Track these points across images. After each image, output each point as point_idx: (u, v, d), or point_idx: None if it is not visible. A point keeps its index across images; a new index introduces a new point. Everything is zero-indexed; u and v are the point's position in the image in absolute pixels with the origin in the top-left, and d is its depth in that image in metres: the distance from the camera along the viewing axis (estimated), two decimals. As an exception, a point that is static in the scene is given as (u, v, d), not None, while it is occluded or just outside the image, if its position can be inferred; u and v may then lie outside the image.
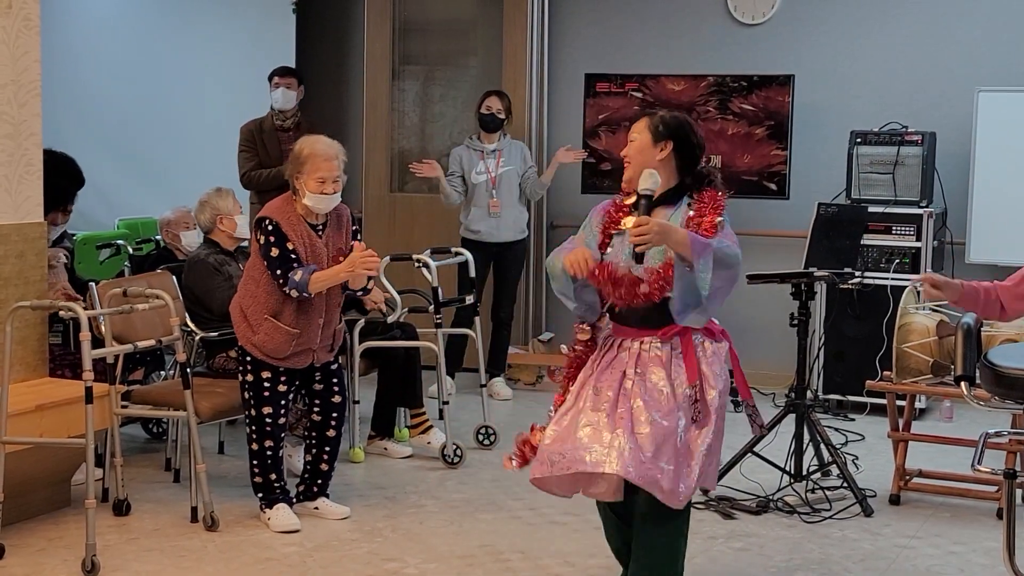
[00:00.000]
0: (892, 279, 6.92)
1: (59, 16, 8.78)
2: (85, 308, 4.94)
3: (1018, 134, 6.98)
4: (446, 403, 6.07)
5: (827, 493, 5.43)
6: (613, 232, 4.00)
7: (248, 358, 4.99)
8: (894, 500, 5.47)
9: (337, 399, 5.17)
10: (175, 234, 6.71)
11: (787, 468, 5.50)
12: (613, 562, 4.68)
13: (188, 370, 5.14)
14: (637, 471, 3.74)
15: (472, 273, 6.66)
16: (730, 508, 5.30)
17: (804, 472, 5.51)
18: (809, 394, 5.69)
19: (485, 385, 6.51)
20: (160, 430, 6.38)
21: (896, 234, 7.02)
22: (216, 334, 5.67)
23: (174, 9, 9.04)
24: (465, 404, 6.95)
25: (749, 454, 5.55)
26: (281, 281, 4.85)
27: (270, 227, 4.87)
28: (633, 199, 3.97)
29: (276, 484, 5.07)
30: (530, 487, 5.61)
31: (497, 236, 7.42)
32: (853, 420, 6.96)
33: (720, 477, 5.49)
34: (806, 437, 5.53)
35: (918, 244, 6.98)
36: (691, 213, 3.93)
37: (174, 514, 5.19)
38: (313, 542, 4.91)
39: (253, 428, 5.02)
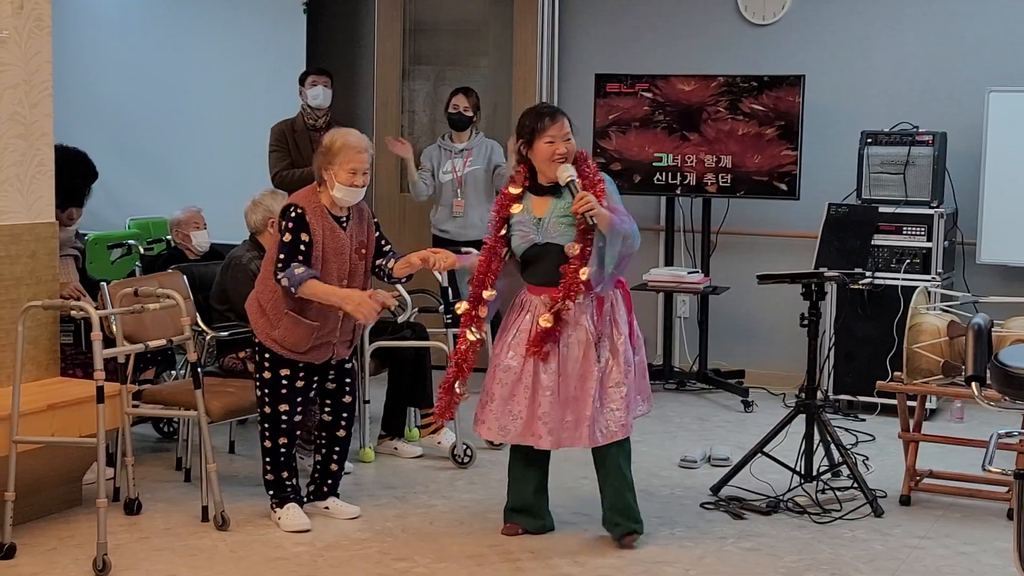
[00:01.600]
0: (903, 279, 6.91)
1: (70, 16, 8.81)
2: (96, 308, 4.96)
3: (1029, 134, 6.97)
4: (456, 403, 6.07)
5: (837, 493, 5.43)
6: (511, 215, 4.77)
7: (267, 355, 4.95)
8: (904, 501, 5.47)
9: (348, 399, 5.17)
10: (185, 234, 6.73)
11: (797, 468, 5.50)
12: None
13: (199, 370, 5.15)
14: (592, 437, 4.67)
15: None
16: (740, 508, 5.30)
17: (814, 472, 5.51)
18: (819, 394, 5.70)
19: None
20: (171, 429, 6.40)
21: (907, 234, 7.01)
22: (227, 334, 5.68)
23: (185, 9, 9.06)
24: (474, 404, 6.93)
25: (759, 454, 5.54)
26: (280, 265, 4.79)
27: (294, 214, 4.83)
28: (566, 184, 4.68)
29: (288, 483, 5.07)
30: (540, 487, 5.62)
31: (464, 235, 7.36)
32: (863, 420, 6.95)
33: (730, 478, 5.52)
34: (816, 437, 5.52)
35: (929, 244, 6.97)
36: (581, 183, 4.65)
37: (185, 513, 5.21)
38: (323, 541, 4.92)
39: (267, 425, 5.00)
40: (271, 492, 5.09)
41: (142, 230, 8.07)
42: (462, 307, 4.84)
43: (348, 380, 5.16)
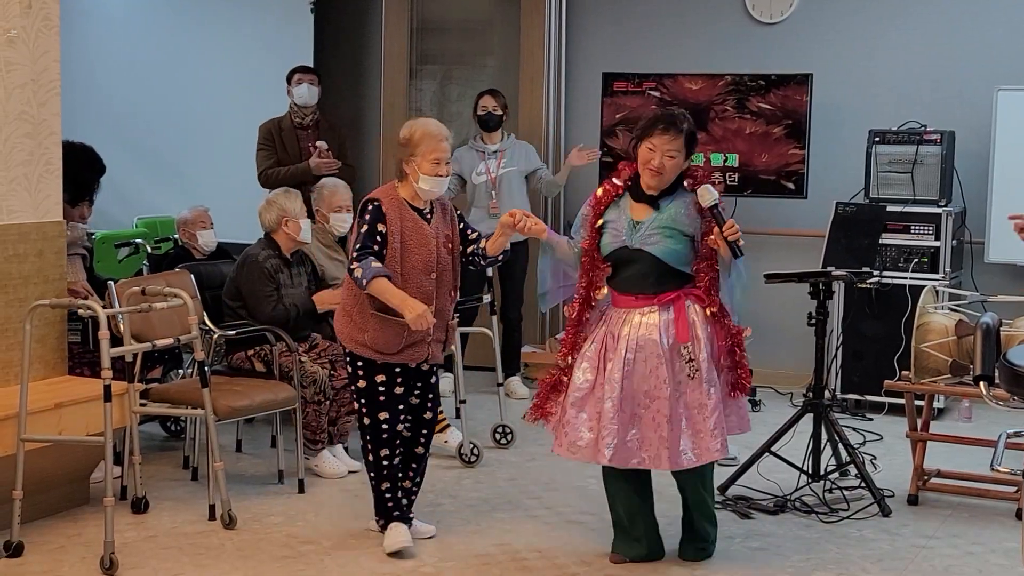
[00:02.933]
0: (911, 278, 6.90)
1: (79, 16, 8.82)
2: (104, 306, 4.96)
3: (1038, 133, 6.95)
4: (463, 402, 6.07)
5: (845, 493, 5.42)
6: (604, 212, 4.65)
7: (360, 363, 4.70)
8: (912, 500, 5.45)
9: (429, 415, 4.91)
10: (192, 233, 6.73)
11: (805, 468, 5.49)
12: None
13: (206, 368, 5.16)
14: (675, 459, 4.41)
15: (489, 273, 6.66)
16: (747, 508, 5.29)
17: (822, 472, 5.50)
18: (827, 394, 5.69)
19: (502, 384, 6.51)
20: (178, 428, 6.41)
21: (915, 233, 6.99)
22: (234, 332, 5.69)
23: (193, 9, 9.07)
24: (482, 403, 6.95)
25: (766, 454, 5.53)
26: (355, 255, 4.56)
27: (370, 206, 4.63)
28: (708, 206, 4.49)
29: (389, 498, 4.80)
30: (547, 486, 5.63)
31: None
32: (871, 420, 6.93)
33: (737, 477, 5.51)
34: (824, 437, 5.52)
35: (937, 243, 6.95)
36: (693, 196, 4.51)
37: (192, 512, 5.21)
38: (330, 540, 4.92)
39: (368, 437, 4.73)
40: (376, 508, 4.85)
41: (149, 229, 8.08)
42: (573, 309, 4.63)
43: (432, 396, 4.91)
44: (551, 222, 8.22)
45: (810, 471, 5.49)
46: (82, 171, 6.00)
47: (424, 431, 4.90)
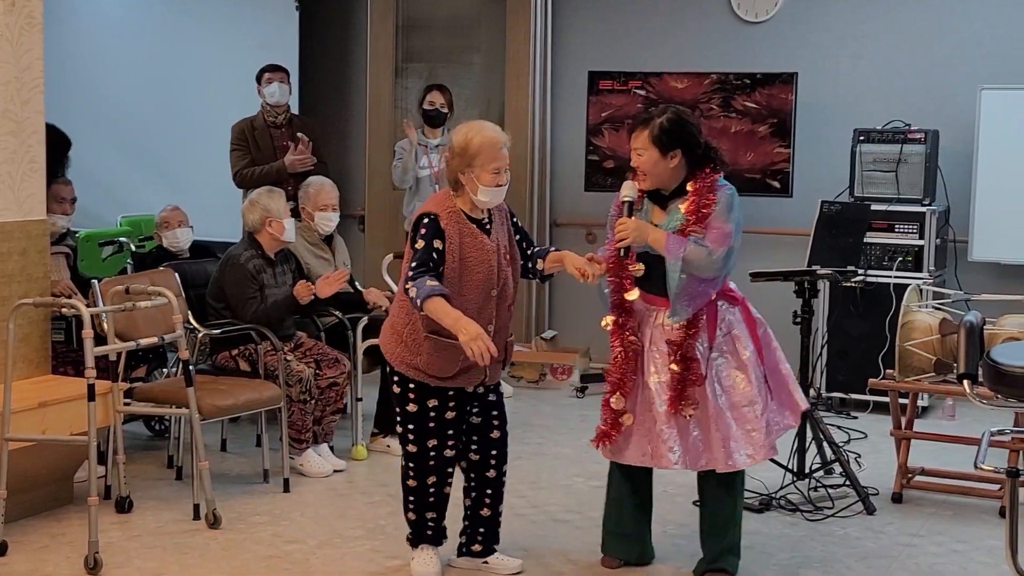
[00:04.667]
0: (895, 277, 6.92)
1: (65, 13, 8.79)
2: (88, 305, 4.94)
3: (1021, 132, 6.96)
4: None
5: (830, 491, 5.43)
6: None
7: (411, 385, 4.35)
8: (896, 498, 5.47)
9: (496, 434, 4.52)
10: (167, 232, 6.69)
11: (790, 466, 5.50)
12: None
13: (191, 367, 5.14)
14: (703, 459, 4.37)
15: None
16: (732, 506, 5.29)
17: (807, 470, 5.51)
18: (812, 392, 5.69)
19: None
20: (162, 427, 6.39)
21: (899, 232, 7.01)
22: (219, 332, 5.68)
23: (179, 7, 9.04)
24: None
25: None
26: (411, 274, 4.19)
27: (427, 219, 4.26)
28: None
29: (431, 523, 4.52)
30: (533, 485, 5.64)
31: None
32: (856, 418, 6.95)
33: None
34: (809, 435, 5.53)
35: (921, 242, 6.97)
36: (688, 203, 4.34)
37: (176, 511, 5.20)
38: (315, 539, 4.91)
39: (412, 464, 4.41)
40: (411, 532, 4.57)
41: (133, 227, 8.04)
42: (607, 321, 4.46)
43: (495, 413, 4.53)
44: (537, 220, 8.23)
45: (795, 469, 5.50)
46: (48, 148, 5.95)
47: (494, 452, 4.52)
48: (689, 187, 4.38)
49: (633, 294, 4.39)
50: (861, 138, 7.13)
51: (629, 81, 7.80)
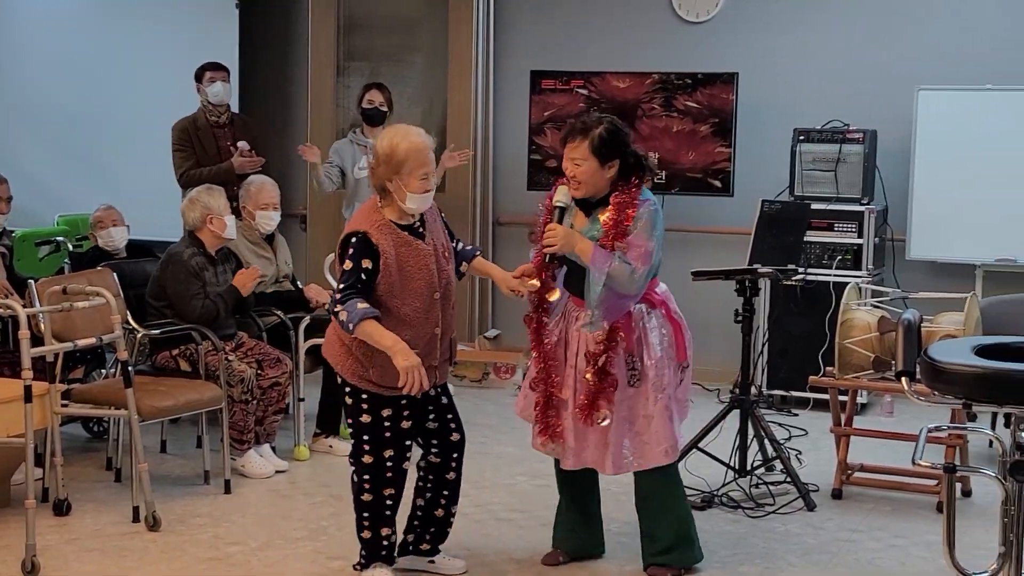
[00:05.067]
0: (834, 276, 6.98)
1: (0, 13, 8.67)
2: (24, 306, 4.87)
3: (957, 132, 7.07)
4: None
5: (771, 488, 5.48)
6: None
7: (364, 396, 4.27)
8: (836, 494, 5.52)
9: (456, 437, 4.49)
10: (102, 232, 6.61)
11: (731, 463, 5.54)
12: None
13: (130, 368, 5.08)
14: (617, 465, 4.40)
15: None
16: (675, 504, 5.32)
17: (748, 467, 5.55)
18: (753, 390, 5.73)
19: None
20: (101, 429, 6.31)
21: (838, 231, 7.08)
22: (159, 332, 5.62)
23: (116, 6, 8.94)
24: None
25: (694, 450, 5.57)
26: (339, 296, 4.13)
27: (354, 239, 4.18)
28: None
29: (385, 541, 4.39)
30: (476, 484, 5.63)
31: None
32: (796, 415, 7.01)
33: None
34: (750, 432, 5.57)
35: (860, 241, 7.04)
36: (607, 216, 4.31)
37: (115, 514, 5.14)
38: (257, 541, 4.88)
39: (368, 476, 4.31)
40: (363, 553, 4.43)
41: (71, 227, 7.95)
42: (532, 283, 4.42)
43: (451, 416, 4.49)
44: (480, 219, 8.23)
45: (737, 466, 5.54)
46: None
47: (454, 454, 4.48)
48: (612, 199, 4.34)
49: (555, 295, 4.45)
50: (801, 138, 7.19)
51: (571, 81, 7.82)
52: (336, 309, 4.13)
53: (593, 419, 4.36)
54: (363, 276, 4.15)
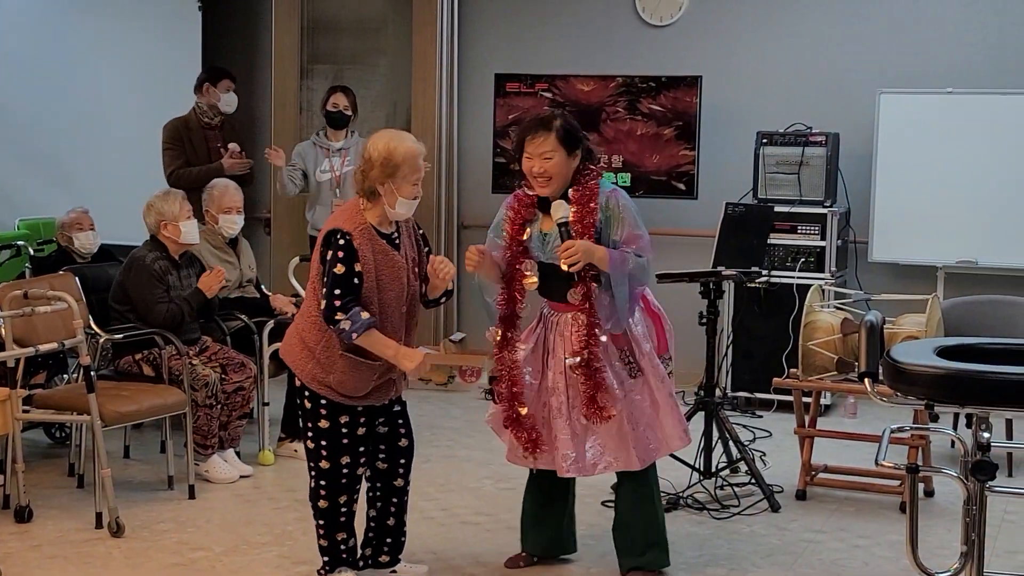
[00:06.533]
0: (798, 278, 7.02)
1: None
2: (-16, 311, 4.83)
3: (919, 135, 7.13)
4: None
5: (735, 489, 5.50)
6: (528, 225, 4.41)
7: (323, 401, 4.23)
8: (800, 495, 5.55)
9: (404, 443, 4.43)
10: (69, 236, 6.58)
11: (696, 465, 5.56)
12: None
13: (92, 373, 5.04)
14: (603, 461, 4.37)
15: None
16: (640, 506, 5.33)
17: (713, 469, 5.57)
18: (718, 392, 5.75)
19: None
20: (63, 435, 6.26)
21: (801, 233, 7.12)
22: (121, 336, 5.58)
23: (79, 8, 8.88)
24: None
25: (659, 452, 5.58)
26: (337, 304, 4.05)
27: (342, 241, 4.10)
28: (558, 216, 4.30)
29: (343, 546, 4.38)
30: (442, 488, 5.62)
31: None
32: (761, 417, 7.05)
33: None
34: (715, 434, 5.59)
35: (822, 243, 7.08)
36: (573, 212, 4.28)
37: (78, 520, 5.10)
38: (222, 546, 4.85)
39: (324, 482, 4.27)
40: (325, 559, 4.39)
41: (32, 231, 7.89)
42: (494, 332, 4.42)
43: (401, 422, 4.44)
44: (445, 222, 8.22)
45: (702, 468, 5.56)
46: None
47: (402, 460, 4.43)
48: (571, 194, 4.31)
49: (532, 281, 4.39)
50: (764, 141, 7.22)
51: (536, 83, 7.83)
52: (338, 319, 4.07)
53: (601, 413, 4.32)
54: (355, 281, 4.11)
